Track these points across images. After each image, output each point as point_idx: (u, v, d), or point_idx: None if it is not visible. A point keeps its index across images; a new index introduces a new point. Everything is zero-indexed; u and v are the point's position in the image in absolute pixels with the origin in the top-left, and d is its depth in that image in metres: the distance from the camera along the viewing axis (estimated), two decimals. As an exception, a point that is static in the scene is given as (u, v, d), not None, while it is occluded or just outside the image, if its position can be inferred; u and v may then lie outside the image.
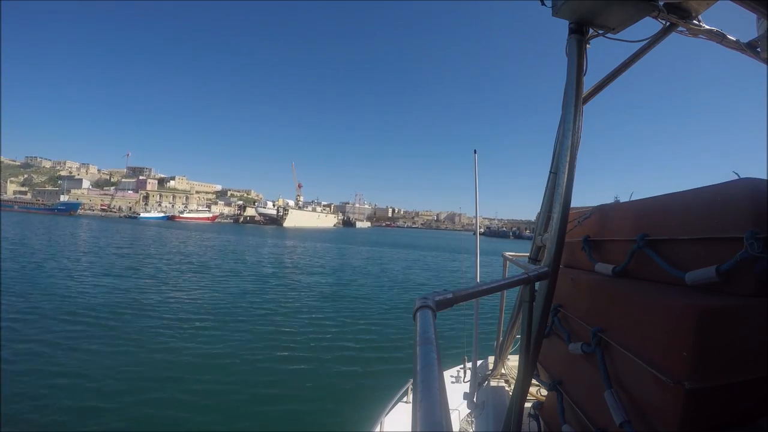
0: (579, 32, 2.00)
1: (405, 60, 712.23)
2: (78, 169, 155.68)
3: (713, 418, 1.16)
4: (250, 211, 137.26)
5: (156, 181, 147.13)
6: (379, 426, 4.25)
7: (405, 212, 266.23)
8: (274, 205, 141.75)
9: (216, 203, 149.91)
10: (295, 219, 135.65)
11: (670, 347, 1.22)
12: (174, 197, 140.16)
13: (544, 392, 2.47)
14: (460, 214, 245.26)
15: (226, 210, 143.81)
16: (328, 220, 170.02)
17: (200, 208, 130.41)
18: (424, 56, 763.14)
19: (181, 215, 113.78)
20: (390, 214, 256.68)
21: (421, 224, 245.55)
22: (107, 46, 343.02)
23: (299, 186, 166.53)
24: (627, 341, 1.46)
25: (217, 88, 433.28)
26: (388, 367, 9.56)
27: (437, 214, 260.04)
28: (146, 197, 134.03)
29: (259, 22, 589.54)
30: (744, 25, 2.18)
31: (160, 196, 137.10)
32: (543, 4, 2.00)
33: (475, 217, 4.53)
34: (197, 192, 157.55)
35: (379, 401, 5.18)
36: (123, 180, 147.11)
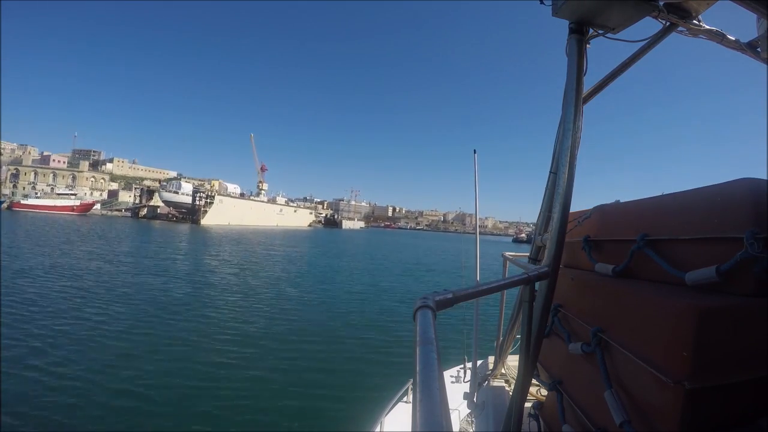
0: (579, 32, 2.00)
1: (406, 60, 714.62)
2: (13, 151, 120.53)
3: (713, 418, 1.16)
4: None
5: (65, 160, 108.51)
6: (379, 426, 4.25)
7: (407, 212, 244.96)
8: (204, 192, 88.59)
9: (131, 188, 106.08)
10: (230, 213, 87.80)
11: (670, 347, 1.22)
12: (55, 176, 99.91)
13: (544, 392, 2.47)
14: (470, 215, 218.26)
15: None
16: (298, 218, 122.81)
17: (62, 192, 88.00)
18: (424, 56, 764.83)
19: (24, 202, 78.59)
20: (390, 214, 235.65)
21: (426, 225, 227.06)
22: (92, 40, 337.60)
23: (262, 169, 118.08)
24: (627, 341, 1.46)
25: (209, 81, 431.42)
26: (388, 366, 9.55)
27: (444, 214, 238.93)
28: (16, 175, 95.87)
29: (262, 22, 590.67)
30: (744, 25, 2.18)
31: (35, 174, 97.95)
32: (542, 3, 2.00)
33: (476, 216, 4.55)
34: (140, 178, 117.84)
35: (379, 401, 5.18)
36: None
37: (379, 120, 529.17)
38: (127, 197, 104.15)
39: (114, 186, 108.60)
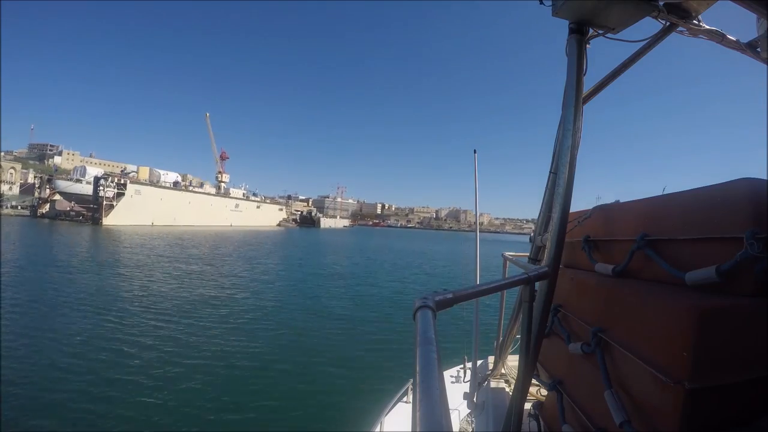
0: (579, 32, 2.00)
1: (400, 55, 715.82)
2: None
3: (713, 418, 1.16)
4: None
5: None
6: (379, 426, 4.25)
7: (397, 209, 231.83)
8: (111, 178, 62.26)
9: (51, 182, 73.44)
10: (154, 209, 64.59)
11: (670, 347, 1.21)
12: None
13: (544, 392, 2.46)
14: (465, 211, 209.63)
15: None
16: (262, 216, 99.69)
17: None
18: (419, 53, 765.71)
19: None
20: (379, 211, 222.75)
21: (417, 223, 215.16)
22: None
23: (222, 157, 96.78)
24: (627, 341, 1.46)
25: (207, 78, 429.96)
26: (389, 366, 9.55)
27: (437, 210, 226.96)
28: None
29: (253, 19, 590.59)
30: (744, 25, 2.18)
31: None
32: (542, 3, 2.00)
33: (476, 216, 4.56)
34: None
35: (379, 401, 5.18)
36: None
37: (368, 116, 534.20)
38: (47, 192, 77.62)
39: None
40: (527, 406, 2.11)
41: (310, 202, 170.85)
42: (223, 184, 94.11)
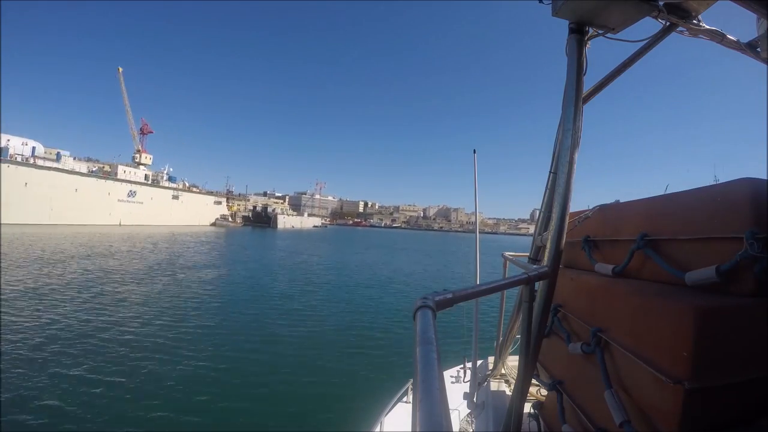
0: (579, 32, 2.00)
1: (385, 53, 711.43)
2: None
3: (713, 418, 1.16)
4: None
5: None
6: (379, 426, 4.25)
7: (381, 207, 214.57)
8: None
9: None
10: None
11: (670, 347, 1.22)
12: None
13: (544, 392, 2.47)
14: (456, 210, 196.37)
15: None
16: (184, 211, 71.33)
17: None
18: (411, 50, 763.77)
19: None
20: (361, 209, 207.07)
21: (403, 222, 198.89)
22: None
23: (142, 131, 71.65)
24: (627, 341, 1.46)
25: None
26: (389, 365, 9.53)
27: (425, 209, 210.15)
28: None
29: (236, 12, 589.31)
30: (744, 25, 2.18)
31: None
32: (542, 2, 2.00)
33: (475, 216, 4.57)
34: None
35: (379, 401, 5.18)
36: None
37: (351, 112, 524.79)
38: None
39: None
40: (527, 406, 2.11)
41: (287, 199, 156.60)
42: (143, 167, 65.23)
